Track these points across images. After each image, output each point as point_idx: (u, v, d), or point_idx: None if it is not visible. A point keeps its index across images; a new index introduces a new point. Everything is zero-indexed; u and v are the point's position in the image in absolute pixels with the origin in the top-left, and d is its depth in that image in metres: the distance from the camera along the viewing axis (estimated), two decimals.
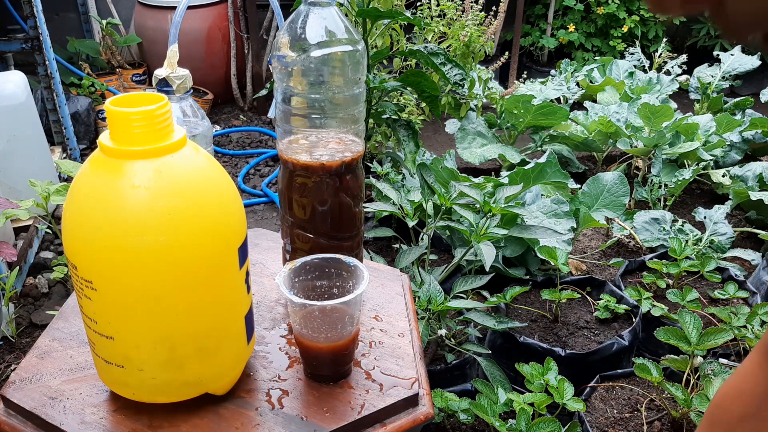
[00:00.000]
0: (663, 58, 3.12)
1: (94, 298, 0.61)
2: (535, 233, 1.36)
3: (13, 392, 0.71)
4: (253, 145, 3.06)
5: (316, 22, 0.74)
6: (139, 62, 3.35)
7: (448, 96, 2.53)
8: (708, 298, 1.64)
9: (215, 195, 0.63)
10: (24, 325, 1.77)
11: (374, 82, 1.68)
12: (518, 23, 3.53)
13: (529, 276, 1.69)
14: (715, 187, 2.39)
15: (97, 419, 0.69)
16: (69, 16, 3.36)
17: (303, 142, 0.80)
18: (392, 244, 1.97)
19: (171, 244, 0.59)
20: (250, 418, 0.70)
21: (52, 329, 0.82)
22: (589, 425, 1.23)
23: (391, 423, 0.72)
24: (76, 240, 0.60)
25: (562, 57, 3.71)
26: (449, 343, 1.34)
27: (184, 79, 0.80)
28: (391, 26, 1.99)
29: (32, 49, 2.22)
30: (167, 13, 3.16)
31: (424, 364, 0.81)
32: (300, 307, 0.70)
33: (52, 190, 1.62)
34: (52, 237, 2.17)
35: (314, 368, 0.75)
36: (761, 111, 2.80)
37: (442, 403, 1.18)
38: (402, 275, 0.98)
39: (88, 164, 0.61)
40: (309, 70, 0.75)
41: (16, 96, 2.02)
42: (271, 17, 3.35)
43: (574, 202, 1.86)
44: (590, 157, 2.82)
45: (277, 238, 1.03)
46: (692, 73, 2.92)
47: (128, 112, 0.58)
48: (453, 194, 1.40)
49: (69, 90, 2.93)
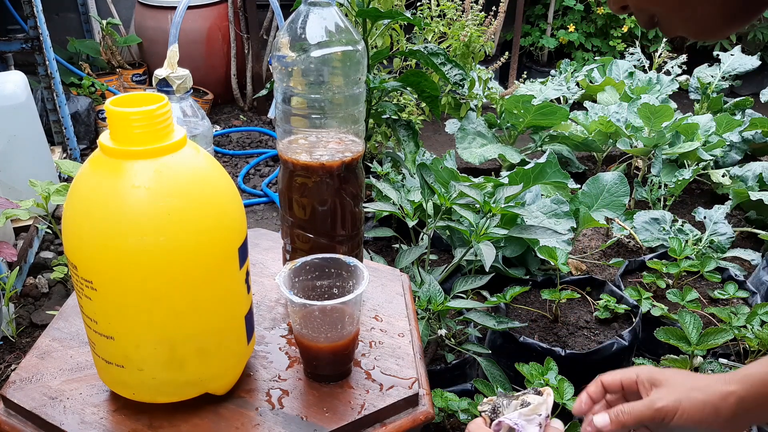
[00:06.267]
0: (663, 58, 3.12)
1: (94, 298, 0.61)
2: (535, 233, 1.36)
3: (13, 392, 0.71)
4: (253, 145, 3.06)
5: (316, 22, 0.74)
6: (139, 62, 3.35)
7: (448, 96, 2.53)
8: (708, 298, 1.64)
9: (215, 195, 0.63)
10: (24, 325, 1.77)
11: (374, 82, 1.68)
12: (518, 23, 3.53)
13: (529, 276, 1.69)
14: (715, 187, 2.39)
15: (97, 419, 0.69)
16: (69, 16, 3.36)
17: (303, 142, 0.80)
18: (392, 244, 1.97)
19: (171, 244, 0.59)
20: (250, 418, 0.70)
21: (52, 329, 0.82)
22: None
23: (391, 423, 0.72)
24: (76, 240, 0.60)
25: (562, 57, 3.71)
26: (449, 343, 1.34)
27: (184, 79, 0.80)
28: (391, 26, 1.99)
29: (32, 49, 2.22)
30: (167, 13, 3.16)
31: (424, 364, 0.81)
32: (300, 307, 0.70)
33: (52, 190, 1.62)
34: (52, 237, 2.17)
35: (314, 368, 0.75)
36: (761, 111, 2.80)
37: (442, 403, 1.18)
38: (402, 275, 0.98)
39: (88, 164, 0.61)
40: (309, 70, 0.75)
41: (16, 96, 2.02)
42: (271, 17, 3.35)
43: (574, 202, 1.86)
44: (590, 157, 2.82)
45: (277, 238, 1.03)
46: (692, 73, 2.92)
47: (128, 112, 0.58)
48: (453, 194, 1.40)
49: (69, 90, 2.93)
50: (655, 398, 0.68)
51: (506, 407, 0.72)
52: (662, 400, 0.67)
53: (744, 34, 3.70)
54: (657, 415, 0.67)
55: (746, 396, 0.66)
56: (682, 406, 0.66)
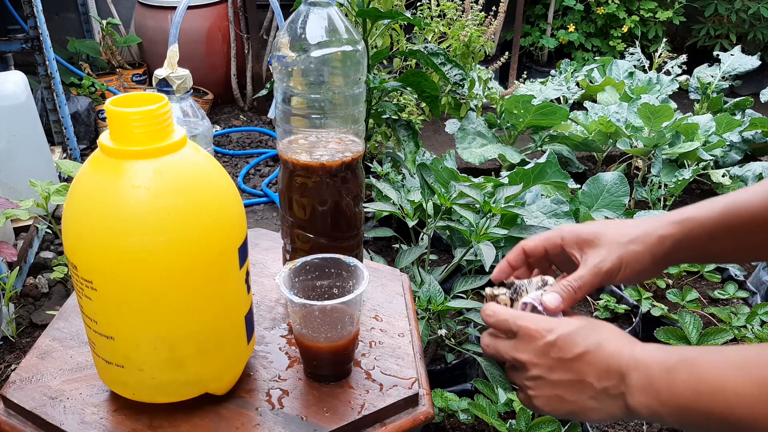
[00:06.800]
0: (663, 58, 3.12)
1: (94, 298, 0.61)
2: (535, 233, 1.36)
3: (13, 392, 0.71)
4: (253, 145, 3.06)
5: (316, 22, 0.74)
6: (139, 62, 3.35)
7: (448, 96, 2.53)
8: (708, 298, 1.64)
9: (215, 195, 0.63)
10: (24, 325, 1.77)
11: (374, 82, 1.68)
12: (518, 23, 3.53)
13: None
14: (715, 187, 2.39)
15: (97, 419, 0.69)
16: (69, 16, 3.36)
17: (303, 142, 0.80)
18: (392, 244, 1.97)
19: (171, 244, 0.59)
20: (250, 418, 0.70)
21: (52, 329, 0.82)
22: (589, 425, 1.23)
23: (391, 423, 0.72)
24: (76, 240, 0.60)
25: (562, 57, 3.71)
26: (449, 343, 1.34)
27: (184, 79, 0.80)
28: (391, 26, 1.99)
29: (32, 49, 2.22)
30: (167, 13, 3.16)
31: (424, 364, 0.81)
32: (300, 307, 0.70)
33: (52, 190, 1.62)
34: (52, 237, 2.17)
35: (314, 368, 0.75)
36: (761, 111, 2.80)
37: (442, 403, 1.18)
38: (402, 275, 0.98)
39: (88, 164, 0.61)
40: (309, 70, 0.75)
41: (16, 96, 2.02)
42: (271, 17, 3.35)
43: (574, 202, 1.86)
44: (590, 157, 2.82)
45: (277, 238, 1.03)
46: (692, 73, 2.92)
47: (128, 112, 0.58)
48: (453, 194, 1.40)
49: (69, 90, 2.93)
50: (598, 262, 0.65)
51: (527, 287, 0.68)
52: (606, 262, 0.65)
53: (744, 34, 3.70)
54: (605, 279, 0.65)
55: (682, 239, 0.65)
56: (625, 262, 0.65)
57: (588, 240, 0.67)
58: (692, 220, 0.66)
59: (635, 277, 0.66)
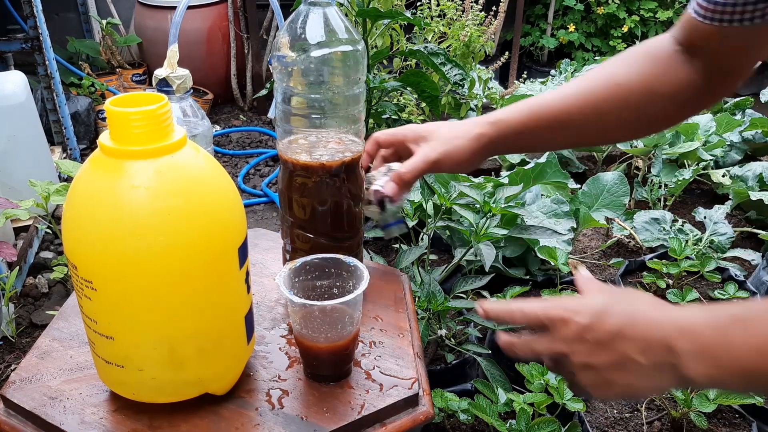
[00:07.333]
0: None
1: (94, 298, 0.61)
2: (535, 233, 1.36)
3: (13, 392, 0.71)
4: (253, 145, 3.06)
5: (316, 22, 0.74)
6: (139, 62, 3.35)
7: (448, 96, 2.53)
8: (708, 298, 1.64)
9: (215, 195, 0.63)
10: (24, 325, 1.77)
11: (374, 82, 1.68)
12: (518, 23, 3.53)
13: (529, 276, 1.69)
14: (715, 187, 2.39)
15: (97, 419, 0.69)
16: (69, 16, 3.36)
17: (303, 142, 0.80)
18: (392, 244, 1.97)
19: (171, 244, 0.59)
20: (250, 418, 0.70)
21: (52, 329, 0.82)
22: (589, 425, 1.23)
23: (391, 423, 0.72)
24: (76, 240, 0.60)
25: (562, 57, 3.71)
26: (449, 343, 1.34)
27: (184, 79, 0.80)
28: (391, 26, 1.99)
29: (32, 49, 2.22)
30: (167, 13, 3.16)
31: (424, 364, 0.81)
32: (300, 307, 0.70)
33: (52, 190, 1.62)
34: (52, 237, 2.17)
35: (314, 368, 0.75)
36: (761, 111, 2.80)
37: (442, 403, 1.18)
38: (402, 275, 0.98)
39: (88, 164, 0.61)
40: (309, 70, 0.75)
41: (16, 96, 2.02)
42: (271, 17, 3.35)
43: (574, 202, 1.86)
44: (590, 157, 2.82)
45: (277, 238, 1.03)
46: None
47: (128, 112, 0.58)
48: (453, 194, 1.40)
49: (69, 90, 2.93)
50: (427, 151, 0.79)
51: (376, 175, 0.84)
52: (434, 152, 0.79)
53: None
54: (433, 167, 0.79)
55: (495, 137, 0.80)
56: (447, 151, 0.79)
57: (423, 135, 0.81)
58: (502, 121, 0.80)
59: (458, 167, 0.80)
